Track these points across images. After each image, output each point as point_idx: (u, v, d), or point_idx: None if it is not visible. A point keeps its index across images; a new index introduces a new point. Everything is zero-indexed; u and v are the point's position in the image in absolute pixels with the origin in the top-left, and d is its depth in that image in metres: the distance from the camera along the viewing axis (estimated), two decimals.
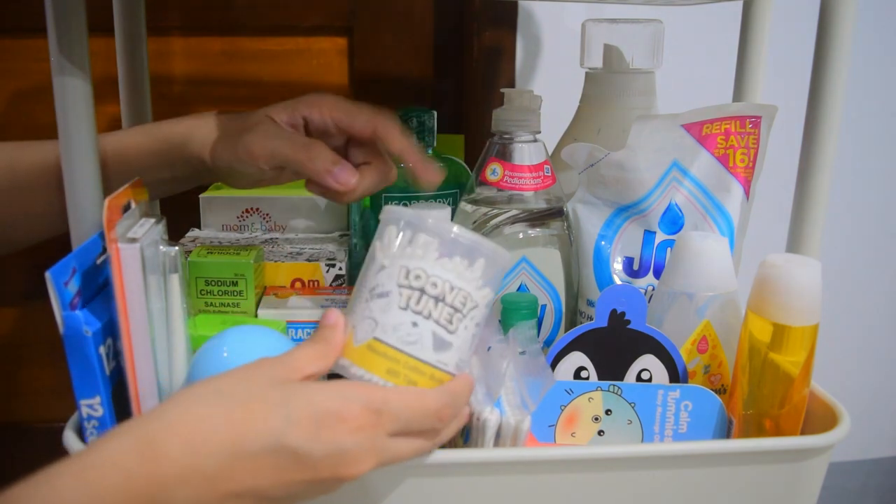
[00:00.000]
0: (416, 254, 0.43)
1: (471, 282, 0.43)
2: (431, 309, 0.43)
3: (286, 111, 0.54)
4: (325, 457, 0.38)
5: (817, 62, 0.52)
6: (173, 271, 0.48)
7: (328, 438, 0.38)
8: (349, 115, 0.54)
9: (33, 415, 1.00)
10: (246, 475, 0.37)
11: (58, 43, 0.44)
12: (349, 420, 0.39)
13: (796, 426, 0.52)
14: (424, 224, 0.43)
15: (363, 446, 0.39)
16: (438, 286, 0.43)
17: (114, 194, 0.45)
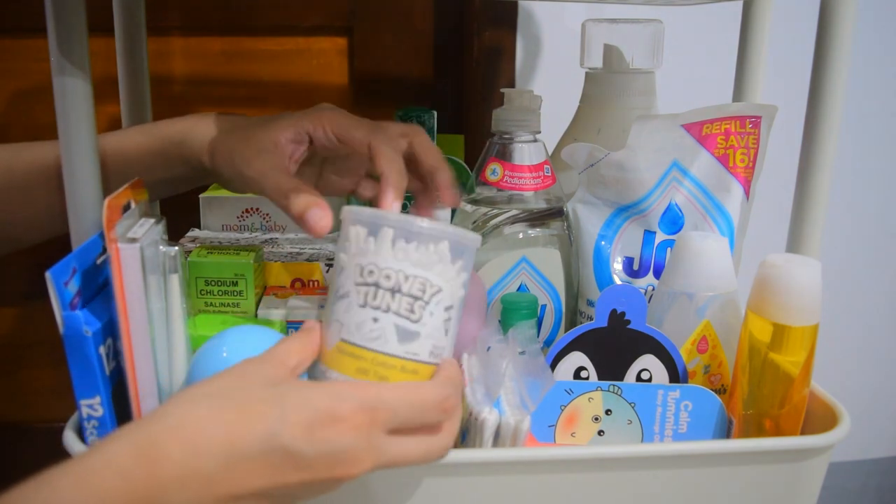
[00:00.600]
0: (369, 249, 0.43)
1: (428, 267, 0.43)
2: (389, 302, 0.42)
3: (292, 127, 0.54)
4: (321, 457, 0.38)
5: (817, 62, 0.52)
6: (173, 271, 0.48)
7: (322, 438, 0.38)
8: (347, 131, 0.54)
9: (33, 415, 1.00)
10: (243, 477, 0.37)
11: (58, 43, 0.44)
12: (344, 420, 0.38)
13: (796, 426, 0.52)
14: (377, 220, 0.43)
15: (359, 446, 0.39)
16: (392, 278, 0.43)
17: (114, 194, 0.45)
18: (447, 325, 0.44)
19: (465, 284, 0.45)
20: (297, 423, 0.38)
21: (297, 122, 0.54)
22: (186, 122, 0.57)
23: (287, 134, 0.53)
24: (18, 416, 1.00)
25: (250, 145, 0.53)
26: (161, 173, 0.58)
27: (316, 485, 0.39)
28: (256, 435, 0.37)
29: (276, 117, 0.55)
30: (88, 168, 0.47)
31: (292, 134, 0.53)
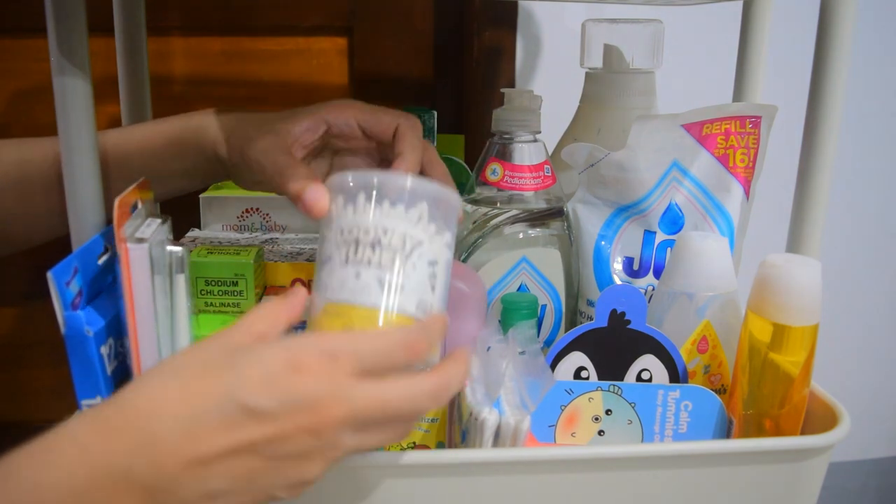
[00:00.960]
0: (348, 212, 0.43)
1: (407, 221, 0.43)
2: (370, 255, 0.42)
3: (309, 117, 0.54)
4: (283, 407, 0.36)
5: (817, 62, 0.52)
6: (179, 271, 0.48)
7: (282, 389, 0.36)
8: (374, 116, 0.54)
9: (34, 415, 1.00)
10: (204, 438, 0.36)
11: (58, 43, 0.45)
12: (303, 369, 0.37)
13: (796, 426, 0.52)
14: (353, 183, 0.44)
15: (324, 391, 0.37)
16: (371, 232, 0.42)
17: (123, 194, 0.45)
18: (433, 282, 0.44)
19: (450, 246, 0.45)
20: (254, 377, 0.36)
21: (316, 112, 0.54)
22: (205, 112, 0.57)
23: (303, 122, 0.54)
24: (19, 416, 1.00)
25: (261, 129, 0.54)
26: (175, 164, 0.57)
27: (287, 442, 0.37)
28: (213, 396, 0.36)
29: (297, 110, 0.55)
30: (88, 168, 0.47)
31: (309, 122, 0.54)
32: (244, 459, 0.37)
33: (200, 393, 0.36)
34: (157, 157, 0.57)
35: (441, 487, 0.47)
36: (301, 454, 0.38)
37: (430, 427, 0.53)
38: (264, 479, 0.38)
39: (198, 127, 0.56)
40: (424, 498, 0.48)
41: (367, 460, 0.46)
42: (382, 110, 0.54)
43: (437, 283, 0.44)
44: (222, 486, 0.37)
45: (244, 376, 0.36)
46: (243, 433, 0.36)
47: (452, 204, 0.45)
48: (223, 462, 0.36)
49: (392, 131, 0.54)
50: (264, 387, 0.36)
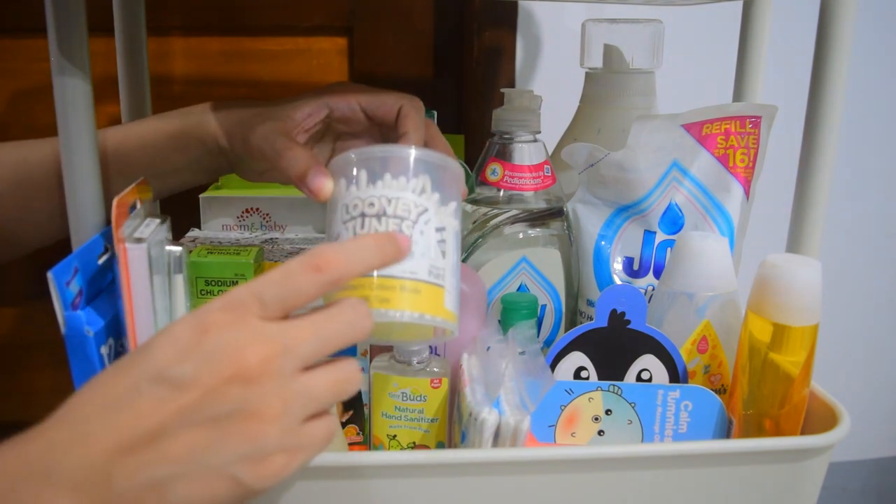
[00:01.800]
0: (352, 190, 0.43)
1: (410, 191, 0.43)
2: (377, 226, 0.42)
3: (310, 103, 0.54)
4: (199, 369, 0.34)
5: (817, 62, 0.52)
6: (178, 272, 0.48)
7: (192, 350, 0.34)
8: (377, 97, 0.54)
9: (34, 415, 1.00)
10: (124, 424, 0.33)
11: (58, 43, 0.45)
12: (210, 327, 0.35)
13: (796, 426, 0.52)
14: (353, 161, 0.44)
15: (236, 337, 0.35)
16: (375, 204, 0.42)
17: (121, 194, 0.45)
18: (442, 247, 0.43)
19: (456, 215, 0.45)
20: (165, 352, 0.35)
21: (318, 96, 0.54)
22: (205, 106, 0.57)
23: (305, 107, 0.54)
24: (18, 416, 1.00)
25: (262, 116, 0.54)
26: (177, 158, 0.57)
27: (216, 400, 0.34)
28: (128, 380, 0.34)
29: (298, 97, 0.55)
30: (88, 168, 0.47)
31: (310, 107, 0.54)
32: (177, 436, 0.34)
33: (115, 382, 0.35)
34: (159, 152, 0.57)
35: (441, 487, 0.47)
36: (239, 412, 0.34)
37: (430, 427, 0.53)
38: (211, 454, 0.34)
39: (199, 120, 0.56)
40: (424, 498, 0.48)
41: (366, 460, 0.46)
42: (385, 92, 0.54)
43: (448, 250, 0.44)
44: (164, 472, 0.33)
45: (155, 353, 0.35)
46: (165, 406, 0.34)
47: (455, 173, 0.45)
48: (155, 445, 0.33)
49: (395, 113, 0.54)
50: (178, 355, 0.34)
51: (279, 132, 0.52)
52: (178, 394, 0.34)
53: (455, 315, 0.44)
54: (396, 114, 0.54)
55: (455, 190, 0.45)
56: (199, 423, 0.34)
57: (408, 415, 0.53)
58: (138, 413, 0.34)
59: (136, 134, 0.57)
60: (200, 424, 0.34)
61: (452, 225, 0.45)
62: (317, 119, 0.54)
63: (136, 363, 0.35)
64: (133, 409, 0.34)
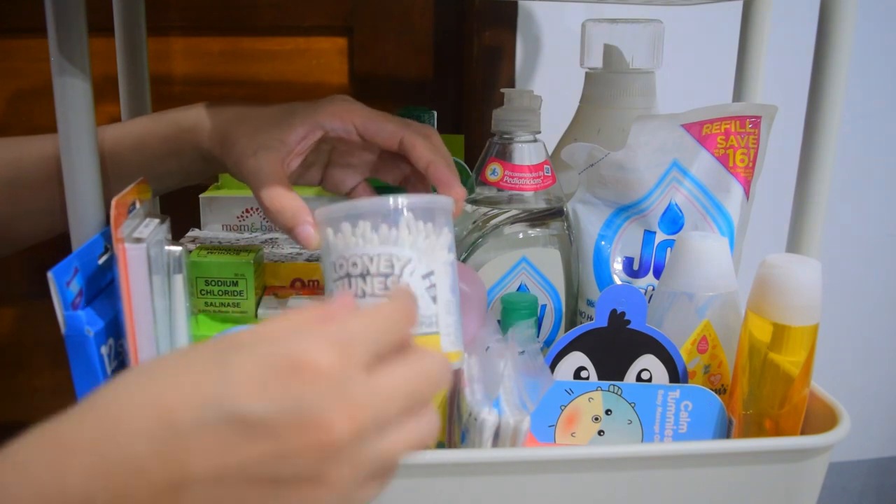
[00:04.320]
0: (337, 245, 0.44)
1: (390, 242, 0.43)
2: (363, 287, 0.43)
3: (304, 123, 0.52)
4: (284, 415, 0.29)
5: (817, 62, 0.52)
6: (177, 272, 0.48)
7: (279, 391, 0.29)
8: (375, 123, 0.52)
9: (34, 415, 1.00)
10: (183, 458, 0.29)
11: (58, 43, 0.45)
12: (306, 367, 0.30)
13: (796, 426, 0.52)
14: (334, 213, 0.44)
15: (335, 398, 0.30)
16: (358, 264, 0.43)
17: (120, 194, 0.45)
18: (432, 293, 0.44)
19: (447, 246, 0.45)
20: (246, 380, 0.30)
21: (312, 118, 0.52)
22: (199, 110, 0.56)
23: (298, 130, 0.52)
24: (18, 416, 1.00)
25: (253, 140, 0.52)
26: (172, 162, 0.57)
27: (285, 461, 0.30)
28: (195, 404, 0.29)
29: (291, 112, 0.53)
30: (89, 168, 0.47)
31: (304, 130, 0.52)
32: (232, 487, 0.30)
33: (177, 398, 0.30)
34: (154, 156, 0.56)
35: (441, 487, 0.47)
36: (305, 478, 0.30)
37: None
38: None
39: (192, 128, 0.55)
40: (424, 498, 0.48)
41: None
42: (384, 118, 0.53)
43: (439, 292, 0.44)
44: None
45: (233, 381, 0.30)
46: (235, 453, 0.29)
47: (440, 207, 0.45)
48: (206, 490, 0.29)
49: (396, 141, 0.52)
50: (260, 389, 0.29)
51: (270, 172, 0.50)
52: (246, 441, 0.29)
53: (456, 352, 0.45)
54: (397, 143, 0.52)
55: (444, 221, 0.45)
56: (260, 480, 0.30)
57: None
58: (199, 449, 0.29)
59: (131, 136, 0.57)
60: (260, 482, 0.30)
61: (442, 261, 0.45)
62: (310, 142, 0.53)
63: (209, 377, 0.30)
64: (194, 443, 0.29)
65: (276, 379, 0.30)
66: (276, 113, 0.53)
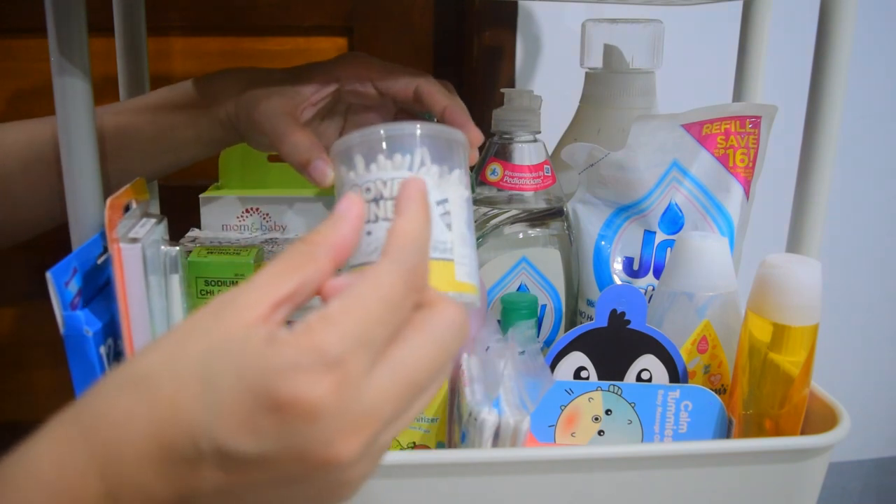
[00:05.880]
0: (350, 176, 0.42)
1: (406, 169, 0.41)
2: (375, 211, 0.41)
3: (319, 75, 0.52)
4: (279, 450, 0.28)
5: (817, 62, 0.52)
6: (174, 272, 0.48)
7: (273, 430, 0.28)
8: (390, 74, 0.53)
9: (33, 415, 1.00)
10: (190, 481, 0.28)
11: (58, 43, 0.44)
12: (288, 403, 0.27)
13: (796, 426, 0.52)
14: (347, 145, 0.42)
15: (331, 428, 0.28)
16: (371, 189, 0.41)
17: (115, 194, 0.45)
18: (446, 220, 0.42)
19: (462, 182, 0.43)
20: (232, 414, 0.28)
21: (328, 69, 0.52)
22: (215, 76, 0.56)
23: (313, 81, 0.52)
24: (18, 416, 1.00)
25: (267, 87, 0.52)
26: (188, 131, 0.56)
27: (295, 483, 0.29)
28: (186, 433, 0.28)
29: (307, 68, 0.53)
30: (89, 168, 0.47)
31: (319, 81, 0.52)
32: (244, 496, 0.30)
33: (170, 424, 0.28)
34: (170, 126, 0.56)
35: (441, 487, 0.47)
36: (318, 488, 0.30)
37: (430, 427, 0.53)
38: None
39: (208, 93, 0.55)
40: (424, 498, 0.48)
41: None
42: (398, 70, 0.53)
43: (454, 220, 0.42)
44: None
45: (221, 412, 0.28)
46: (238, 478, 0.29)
47: (455, 140, 0.43)
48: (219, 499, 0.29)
49: (410, 92, 0.52)
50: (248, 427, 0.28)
51: (283, 112, 0.51)
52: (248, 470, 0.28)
53: (471, 285, 0.42)
54: (413, 92, 0.52)
55: (458, 158, 0.44)
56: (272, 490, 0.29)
57: None
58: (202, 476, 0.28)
59: (147, 108, 0.56)
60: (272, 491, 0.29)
61: (458, 194, 0.43)
62: (325, 94, 0.53)
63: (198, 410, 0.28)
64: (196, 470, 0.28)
65: (266, 416, 0.28)
66: (292, 70, 0.54)
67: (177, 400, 0.29)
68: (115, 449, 0.29)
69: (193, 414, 0.28)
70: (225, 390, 0.28)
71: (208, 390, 0.28)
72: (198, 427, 0.28)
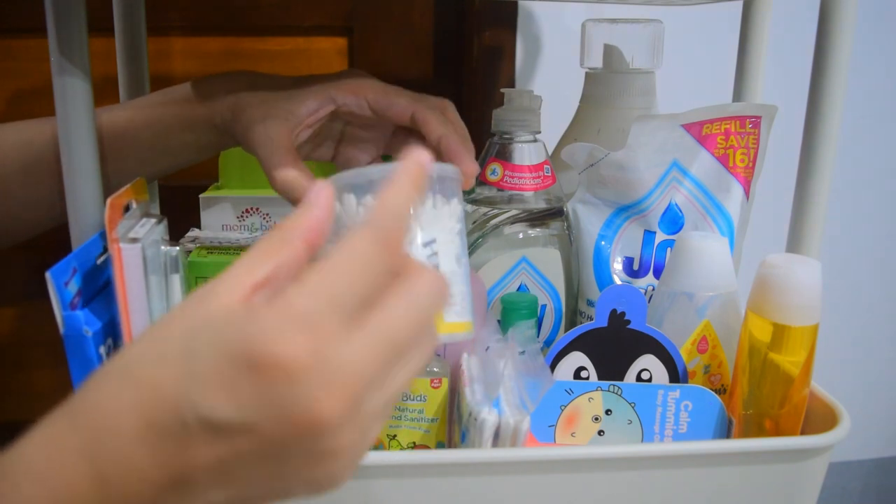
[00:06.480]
0: (341, 217, 0.42)
1: None
2: None
3: (316, 96, 0.52)
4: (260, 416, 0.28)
5: (817, 62, 0.52)
6: (174, 272, 0.48)
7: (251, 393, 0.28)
8: (386, 97, 0.52)
9: (33, 415, 1.00)
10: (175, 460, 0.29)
11: (58, 43, 0.45)
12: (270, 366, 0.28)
13: (796, 426, 0.52)
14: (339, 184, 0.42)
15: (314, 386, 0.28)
16: None
17: (115, 194, 0.45)
18: (434, 261, 0.42)
19: (455, 216, 0.44)
20: (213, 381, 0.28)
21: (324, 92, 0.52)
22: (212, 80, 0.55)
23: (309, 102, 0.51)
24: (18, 416, 1.00)
25: (262, 109, 0.51)
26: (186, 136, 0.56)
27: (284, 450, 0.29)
28: (169, 407, 0.29)
29: (304, 83, 0.52)
30: (89, 168, 0.47)
31: (315, 103, 0.51)
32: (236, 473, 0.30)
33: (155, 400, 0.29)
34: (168, 131, 0.56)
35: (441, 487, 0.47)
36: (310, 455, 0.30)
37: (430, 427, 0.53)
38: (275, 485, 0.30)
39: (205, 98, 0.55)
40: (424, 498, 0.48)
41: (366, 460, 0.46)
42: (396, 92, 0.52)
43: (441, 260, 0.43)
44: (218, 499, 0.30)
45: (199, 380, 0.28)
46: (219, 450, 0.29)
47: (447, 177, 0.43)
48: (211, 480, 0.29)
49: (408, 116, 0.52)
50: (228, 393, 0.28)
51: (278, 143, 0.50)
52: (231, 440, 0.29)
53: (462, 323, 0.43)
54: (409, 117, 0.52)
55: (450, 191, 0.44)
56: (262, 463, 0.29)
57: (408, 415, 0.53)
58: (190, 452, 0.29)
59: (145, 113, 0.56)
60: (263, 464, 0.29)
61: (448, 229, 0.44)
62: (321, 116, 0.52)
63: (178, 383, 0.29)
64: (183, 445, 0.29)
65: (245, 379, 0.28)
66: (289, 83, 0.53)
67: (159, 378, 0.29)
68: (104, 434, 0.29)
69: (176, 388, 0.29)
70: (204, 360, 0.29)
71: (189, 363, 0.29)
72: (181, 400, 0.28)
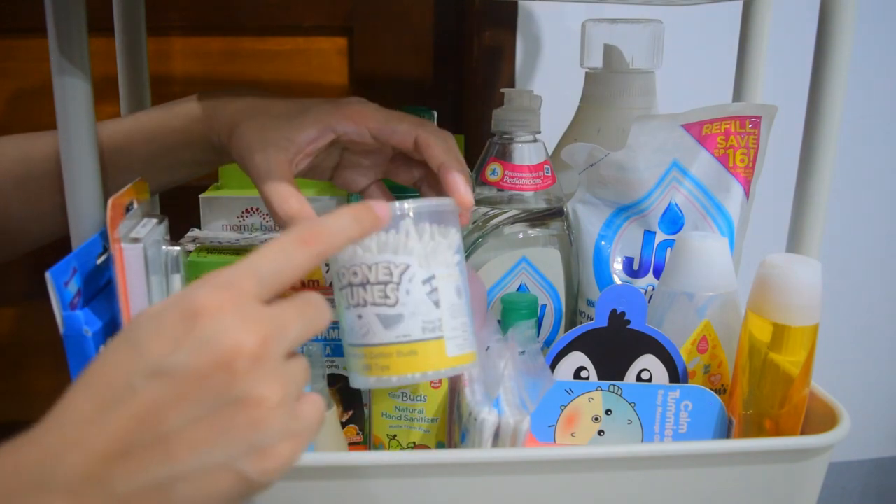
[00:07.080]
0: (339, 255, 0.44)
1: (388, 250, 0.43)
2: (364, 295, 0.43)
3: (315, 125, 0.51)
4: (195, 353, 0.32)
5: (817, 62, 0.52)
6: (175, 272, 0.48)
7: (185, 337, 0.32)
8: (387, 124, 0.52)
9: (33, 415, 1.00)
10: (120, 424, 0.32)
11: (58, 43, 0.45)
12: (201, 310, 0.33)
13: (796, 426, 0.52)
14: None
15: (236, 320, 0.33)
16: (358, 273, 0.43)
17: (117, 194, 0.45)
18: (433, 297, 0.44)
19: (453, 248, 0.45)
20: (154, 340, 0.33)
21: (325, 121, 0.51)
22: (211, 100, 0.55)
23: (309, 130, 0.51)
24: (19, 416, 1.00)
25: (262, 136, 0.51)
26: (184, 154, 0.56)
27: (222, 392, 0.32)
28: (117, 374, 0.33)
29: (304, 110, 0.52)
30: (88, 168, 0.47)
31: (314, 131, 0.51)
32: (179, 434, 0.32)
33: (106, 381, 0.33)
34: (166, 148, 0.56)
35: (441, 487, 0.47)
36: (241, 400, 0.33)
37: (430, 427, 0.53)
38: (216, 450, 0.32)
39: (204, 118, 0.55)
40: (424, 498, 0.48)
41: (366, 460, 0.46)
42: (398, 119, 0.52)
43: (441, 296, 0.44)
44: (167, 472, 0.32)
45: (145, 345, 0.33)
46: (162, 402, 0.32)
47: (445, 210, 0.45)
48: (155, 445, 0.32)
49: (409, 142, 0.52)
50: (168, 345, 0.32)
51: (278, 172, 0.50)
52: (174, 387, 0.32)
53: (464, 355, 0.45)
54: (411, 143, 0.51)
55: (448, 222, 0.45)
56: (201, 417, 0.32)
57: (408, 415, 0.53)
58: (135, 413, 0.32)
59: (144, 129, 0.56)
60: (202, 419, 0.32)
61: (446, 263, 0.44)
62: (321, 144, 0.52)
63: (125, 358, 0.33)
64: (128, 408, 0.32)
65: (179, 328, 0.33)
66: (289, 109, 0.53)
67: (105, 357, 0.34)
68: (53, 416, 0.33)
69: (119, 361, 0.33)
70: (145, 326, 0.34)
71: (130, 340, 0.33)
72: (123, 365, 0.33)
